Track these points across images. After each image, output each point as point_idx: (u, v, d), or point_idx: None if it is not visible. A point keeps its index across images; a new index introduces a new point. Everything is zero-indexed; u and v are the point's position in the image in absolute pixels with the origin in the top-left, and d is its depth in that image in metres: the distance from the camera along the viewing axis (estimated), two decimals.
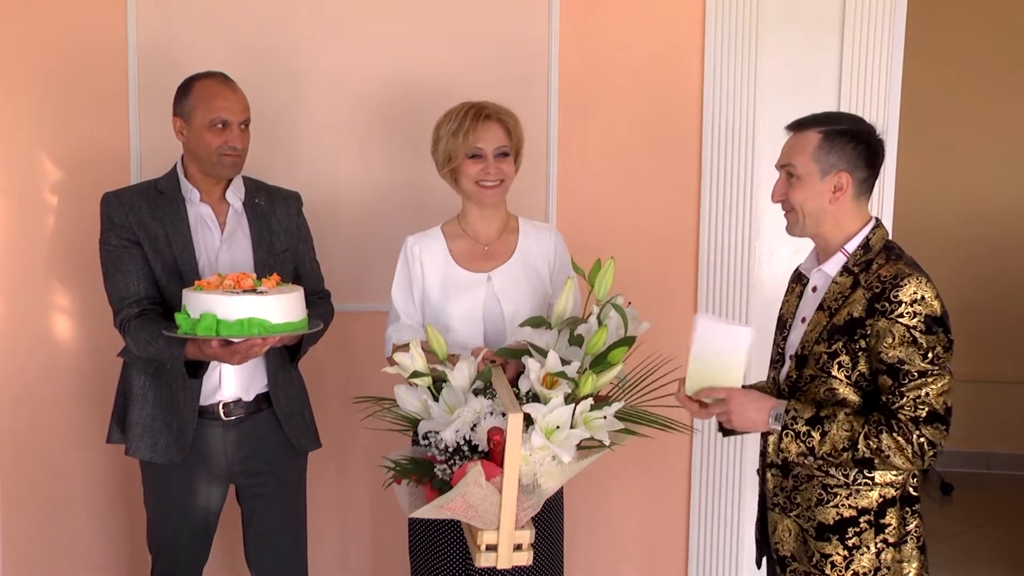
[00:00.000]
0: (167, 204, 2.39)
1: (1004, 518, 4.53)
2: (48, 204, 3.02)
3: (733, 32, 2.96)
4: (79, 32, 2.97)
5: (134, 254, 2.36)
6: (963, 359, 4.97)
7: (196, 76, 2.41)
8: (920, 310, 1.78)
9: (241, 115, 2.38)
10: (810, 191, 1.91)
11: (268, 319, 2.07)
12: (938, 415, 1.78)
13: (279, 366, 2.45)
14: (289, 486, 2.56)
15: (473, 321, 2.31)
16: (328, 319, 2.53)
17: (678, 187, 3.04)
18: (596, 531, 3.16)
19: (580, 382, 1.92)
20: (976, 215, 5.03)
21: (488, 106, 2.31)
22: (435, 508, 1.84)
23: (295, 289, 2.20)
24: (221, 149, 2.34)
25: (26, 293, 3.05)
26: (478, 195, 2.30)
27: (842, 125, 1.92)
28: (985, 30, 4.94)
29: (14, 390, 3.06)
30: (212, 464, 2.44)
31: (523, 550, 1.86)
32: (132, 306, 2.35)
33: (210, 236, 2.42)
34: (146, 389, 2.41)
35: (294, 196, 2.58)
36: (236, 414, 2.42)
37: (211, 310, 2.06)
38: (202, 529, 2.50)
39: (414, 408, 2.04)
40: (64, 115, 3.00)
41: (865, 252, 1.90)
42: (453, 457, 1.87)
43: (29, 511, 3.10)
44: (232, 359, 2.17)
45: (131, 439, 2.43)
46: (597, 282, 2.08)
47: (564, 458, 1.84)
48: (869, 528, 1.88)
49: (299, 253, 2.55)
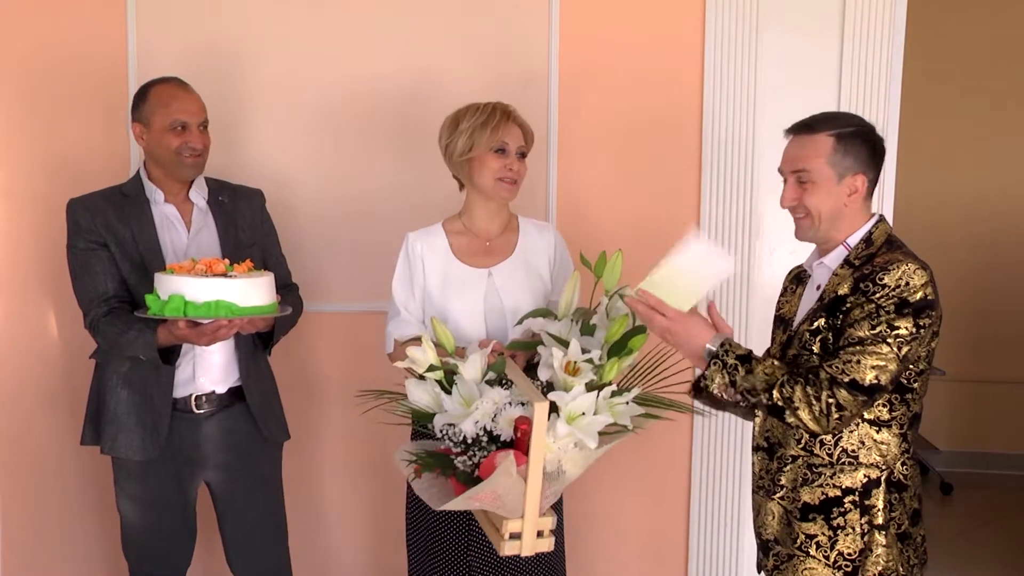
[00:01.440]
0: (132, 207, 2.44)
1: (1004, 518, 4.54)
2: (47, 210, 2.99)
3: (733, 32, 2.96)
4: (79, 38, 2.96)
5: (101, 256, 2.40)
6: (964, 359, 5.09)
7: (152, 82, 2.47)
8: (897, 293, 1.79)
9: (199, 116, 2.43)
10: (826, 195, 1.90)
11: (235, 302, 2.13)
12: (859, 385, 1.77)
13: (251, 357, 2.49)
14: (265, 479, 2.58)
15: (474, 316, 2.32)
16: (298, 310, 2.58)
17: (678, 187, 3.04)
18: (596, 532, 3.16)
19: (604, 368, 1.96)
20: (977, 215, 5.05)
21: (512, 108, 2.37)
22: (464, 499, 1.85)
23: (265, 274, 2.25)
24: (181, 150, 2.40)
25: (25, 298, 3.03)
26: (496, 190, 2.32)
27: (852, 127, 1.92)
28: (985, 30, 4.96)
29: (7, 391, 3.06)
30: (187, 458, 2.46)
31: (545, 536, 1.88)
32: (101, 305, 2.39)
33: (177, 235, 2.46)
34: (118, 387, 2.44)
35: (257, 192, 2.63)
36: (208, 408, 2.45)
37: (180, 292, 2.12)
38: (182, 525, 2.51)
39: (424, 402, 2.04)
40: (63, 121, 2.98)
41: (867, 246, 1.91)
42: (471, 448, 1.88)
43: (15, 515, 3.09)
44: (200, 340, 2.21)
45: (106, 437, 2.45)
46: (605, 274, 2.12)
47: (590, 444, 1.87)
48: (854, 509, 1.88)
49: (266, 248, 2.59)
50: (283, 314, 2.29)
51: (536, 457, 1.78)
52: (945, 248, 5.01)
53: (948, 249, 5.01)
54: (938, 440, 4.97)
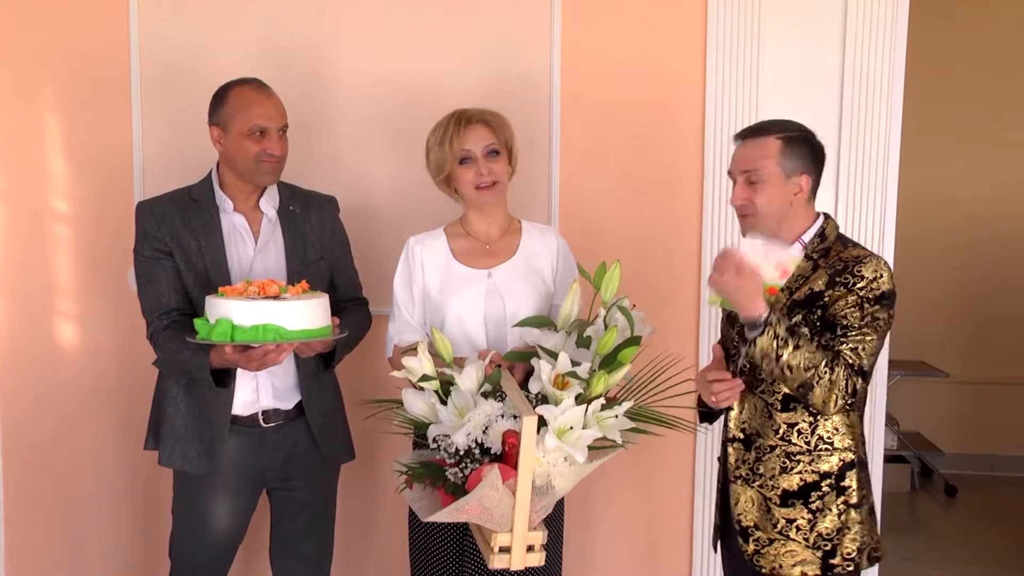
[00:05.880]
0: (201, 214, 2.36)
1: (1008, 520, 4.53)
2: (52, 208, 3.02)
3: (735, 34, 2.95)
4: (82, 35, 2.97)
5: (165, 265, 2.34)
6: (967, 361, 5.08)
7: (231, 83, 2.37)
8: (876, 286, 1.93)
9: (279, 121, 2.34)
10: (773, 193, 2.02)
11: (283, 325, 2.06)
12: (864, 371, 1.92)
13: (312, 376, 2.42)
14: (319, 494, 2.53)
15: (474, 318, 2.31)
16: (362, 326, 2.51)
17: (680, 189, 3.04)
18: (597, 535, 3.15)
19: (592, 382, 1.95)
20: (980, 216, 5.04)
21: (470, 111, 2.34)
22: (451, 511, 1.84)
23: (319, 296, 2.17)
24: (259, 156, 2.31)
25: (28, 297, 3.05)
26: (477, 199, 2.32)
27: (796, 131, 2.05)
28: (987, 31, 4.95)
29: (24, 396, 3.07)
30: (244, 474, 2.41)
31: (535, 551, 1.87)
32: (162, 317, 2.34)
33: (244, 246, 2.39)
34: (179, 399, 2.39)
35: (329, 201, 2.55)
36: (276, 420, 2.41)
37: (227, 315, 2.05)
38: (227, 542, 2.47)
39: (421, 411, 2.04)
40: (67, 118, 3.00)
41: (822, 241, 2.05)
42: (464, 460, 1.87)
43: (43, 517, 3.11)
44: (250, 365, 2.15)
45: (163, 449, 2.41)
46: (603, 285, 2.11)
47: (578, 458, 1.86)
48: (831, 491, 2.00)
49: (334, 260, 2.51)
50: (338, 337, 2.22)
51: (525, 471, 1.77)
52: (949, 249, 5.02)
53: (952, 250, 5.02)
54: (942, 442, 4.96)
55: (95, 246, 3.01)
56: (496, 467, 1.80)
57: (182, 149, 2.90)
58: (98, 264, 3.00)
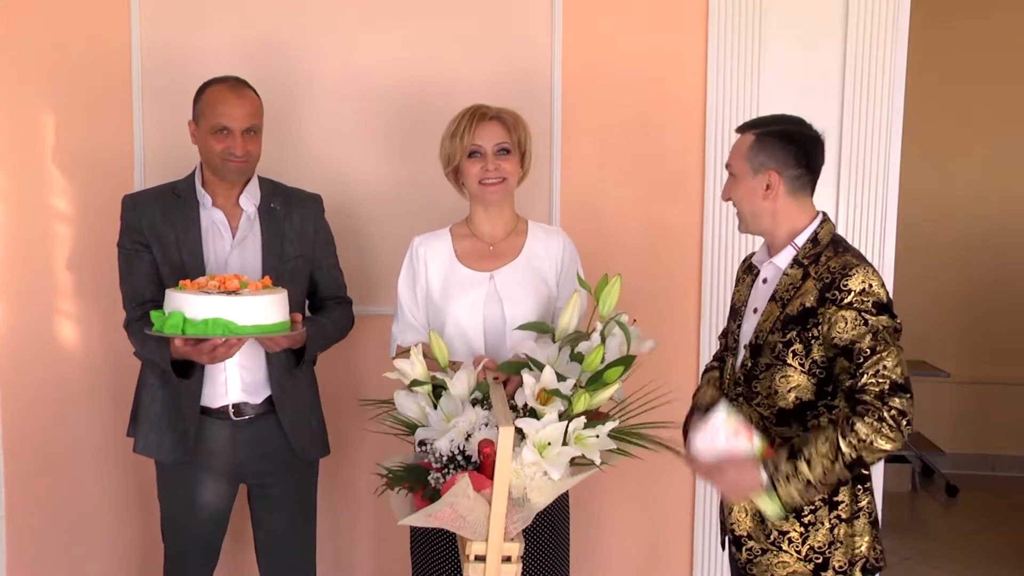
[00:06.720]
0: (182, 208, 2.41)
1: (1009, 520, 4.52)
2: (52, 207, 3.03)
3: (736, 35, 2.95)
4: (83, 35, 2.98)
5: (143, 257, 2.39)
6: (968, 361, 5.07)
7: (209, 81, 2.41)
8: (867, 298, 1.86)
9: (244, 121, 2.35)
10: (743, 189, 2.01)
11: (234, 320, 2.09)
12: (900, 385, 1.83)
13: (284, 372, 2.44)
14: (297, 490, 2.55)
15: (473, 321, 2.30)
16: (341, 325, 2.53)
17: (682, 189, 3.03)
18: (600, 539, 3.15)
19: (573, 400, 1.91)
20: (981, 216, 5.03)
21: (487, 107, 2.33)
22: (424, 516, 1.84)
23: (276, 291, 2.19)
24: (223, 154, 2.35)
25: (28, 296, 3.06)
26: (481, 193, 2.31)
27: (775, 127, 2.01)
28: (988, 30, 4.94)
29: (25, 394, 3.08)
30: (220, 463, 2.45)
31: (512, 562, 1.85)
32: (136, 309, 2.39)
33: (221, 241, 2.42)
34: (155, 388, 2.44)
35: (314, 199, 2.56)
36: (247, 413, 2.43)
37: (180, 308, 2.10)
38: (210, 528, 2.50)
39: (412, 414, 2.04)
40: (67, 118, 3.00)
41: (814, 246, 1.98)
42: (448, 466, 1.87)
43: (44, 510, 3.13)
44: (201, 358, 2.20)
45: (139, 437, 2.46)
46: (602, 298, 2.07)
47: (554, 475, 1.85)
48: (824, 506, 1.96)
49: (315, 259, 2.52)
50: (294, 333, 2.23)
51: (501, 482, 1.76)
52: (950, 248, 5.01)
53: (953, 249, 5.01)
54: (943, 442, 4.95)
55: (95, 246, 3.01)
56: (467, 475, 1.80)
57: (182, 149, 2.87)
58: (98, 264, 2.99)
